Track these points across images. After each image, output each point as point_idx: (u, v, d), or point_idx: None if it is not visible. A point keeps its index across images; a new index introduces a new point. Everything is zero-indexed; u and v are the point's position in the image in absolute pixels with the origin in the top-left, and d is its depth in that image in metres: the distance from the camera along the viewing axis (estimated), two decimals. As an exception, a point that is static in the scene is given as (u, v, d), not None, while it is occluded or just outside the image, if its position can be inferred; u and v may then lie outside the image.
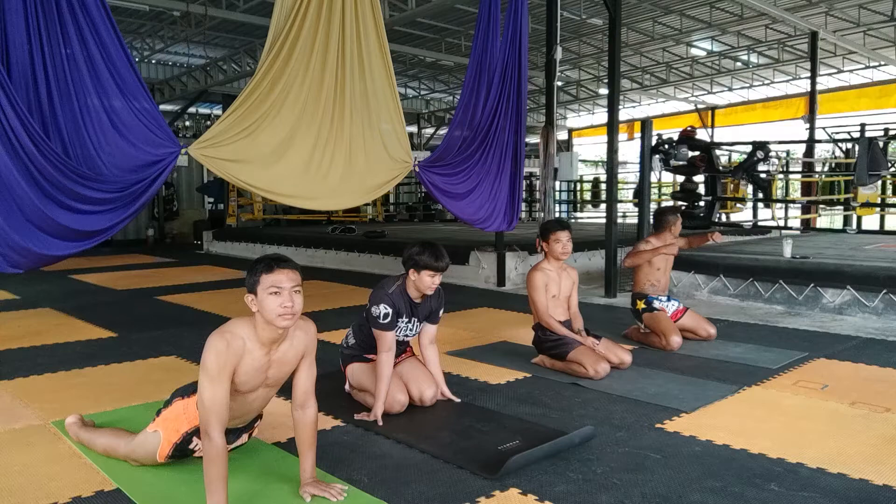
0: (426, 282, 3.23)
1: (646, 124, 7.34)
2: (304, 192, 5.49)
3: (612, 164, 7.46)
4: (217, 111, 19.11)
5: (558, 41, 7.21)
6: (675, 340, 4.61)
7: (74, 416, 3.01)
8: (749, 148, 7.72)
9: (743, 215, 11.97)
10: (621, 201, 11.32)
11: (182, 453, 2.57)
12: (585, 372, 3.88)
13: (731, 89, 19.10)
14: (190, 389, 2.57)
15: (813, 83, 12.80)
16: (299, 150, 5.32)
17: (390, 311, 3.23)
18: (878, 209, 10.91)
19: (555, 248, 4.10)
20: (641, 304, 4.85)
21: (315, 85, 5.37)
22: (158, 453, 2.55)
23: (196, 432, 2.51)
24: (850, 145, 10.67)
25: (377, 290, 3.31)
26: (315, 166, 5.39)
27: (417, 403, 3.35)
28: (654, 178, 8.13)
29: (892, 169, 9.59)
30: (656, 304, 4.82)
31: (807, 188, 12.33)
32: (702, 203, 7.92)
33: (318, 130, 5.41)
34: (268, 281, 2.23)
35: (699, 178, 7.90)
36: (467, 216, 6.50)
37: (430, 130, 22.24)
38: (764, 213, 12.62)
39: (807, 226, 11.58)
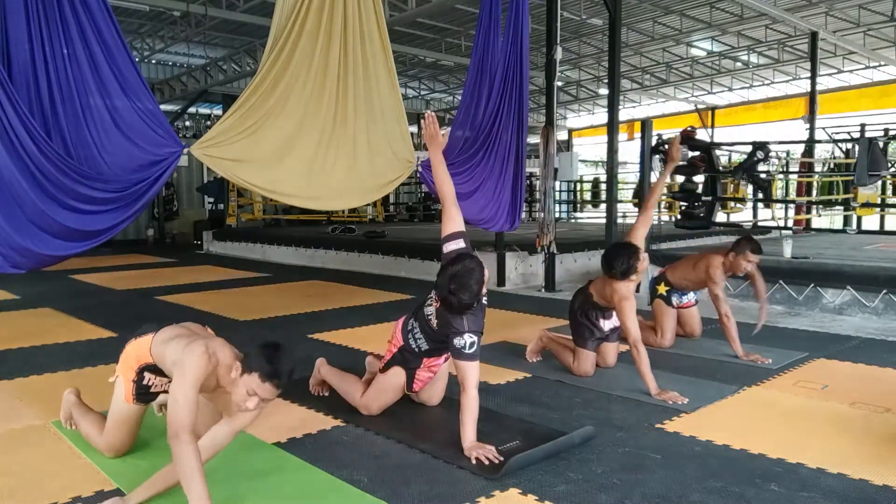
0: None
1: (646, 124, 7.33)
2: (308, 192, 5.48)
3: (612, 164, 7.46)
4: (217, 111, 19.12)
5: (558, 41, 7.21)
6: (670, 341, 4.63)
7: (73, 392, 3.08)
8: (749, 148, 7.71)
9: (743, 215, 11.97)
10: (621, 201, 11.31)
11: (144, 391, 2.66)
12: (571, 366, 3.97)
13: (731, 89, 19.11)
14: (138, 332, 2.68)
15: (813, 83, 12.80)
16: (303, 150, 5.31)
17: (476, 338, 2.83)
18: (878, 209, 10.90)
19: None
20: (663, 290, 4.70)
21: (318, 84, 5.37)
22: (125, 397, 2.65)
23: (146, 368, 2.61)
24: (850, 145, 10.66)
25: (455, 324, 2.84)
26: (318, 166, 5.38)
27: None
28: (654, 178, 8.11)
29: (893, 169, 9.58)
30: (675, 299, 4.72)
31: (805, 188, 12.31)
32: (702, 203, 7.92)
33: (322, 130, 5.40)
34: (263, 389, 2.20)
35: (699, 178, 7.89)
36: (471, 216, 6.50)
37: (430, 130, 22.22)
38: (764, 213, 12.61)
39: (806, 225, 11.58)
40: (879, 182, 9.21)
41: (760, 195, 9.03)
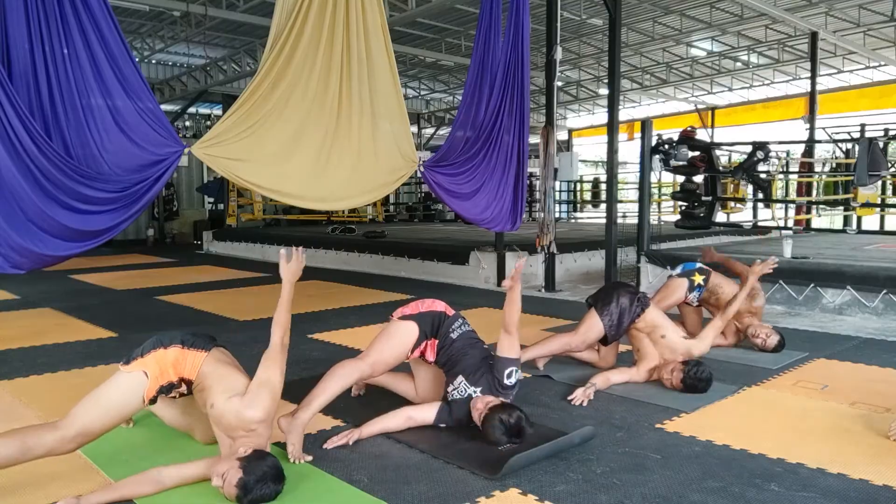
0: None
1: (646, 124, 7.34)
2: (313, 193, 5.47)
3: (612, 164, 7.46)
4: (217, 111, 19.11)
5: (558, 41, 7.21)
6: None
7: None
8: (749, 148, 7.71)
9: (743, 215, 11.96)
10: (621, 201, 11.30)
11: (164, 393, 2.60)
12: (569, 341, 3.90)
13: (731, 89, 19.10)
14: (188, 342, 2.62)
15: (813, 83, 12.79)
16: (307, 149, 5.30)
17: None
18: (878, 209, 10.90)
19: None
20: (699, 279, 4.55)
21: (321, 83, 5.36)
22: (145, 395, 2.53)
23: (184, 382, 2.59)
24: (850, 145, 10.66)
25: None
26: (322, 166, 5.37)
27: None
28: (654, 178, 8.11)
29: (893, 169, 9.58)
30: (693, 294, 4.58)
31: (805, 188, 12.32)
32: (702, 203, 7.92)
33: (326, 129, 5.39)
34: (229, 487, 2.27)
35: (699, 178, 7.90)
36: (473, 216, 6.50)
37: (430, 130, 22.25)
38: (764, 214, 12.61)
39: (806, 225, 11.58)
40: (879, 182, 9.21)
41: (760, 195, 9.02)
